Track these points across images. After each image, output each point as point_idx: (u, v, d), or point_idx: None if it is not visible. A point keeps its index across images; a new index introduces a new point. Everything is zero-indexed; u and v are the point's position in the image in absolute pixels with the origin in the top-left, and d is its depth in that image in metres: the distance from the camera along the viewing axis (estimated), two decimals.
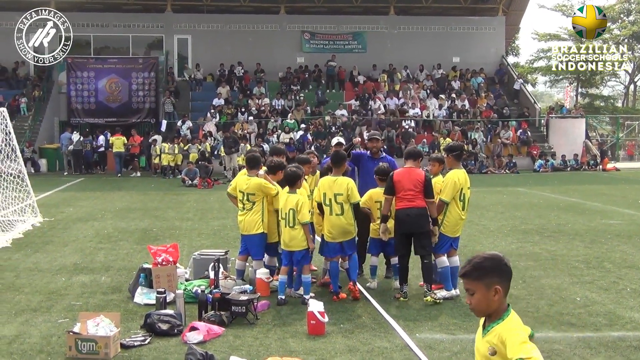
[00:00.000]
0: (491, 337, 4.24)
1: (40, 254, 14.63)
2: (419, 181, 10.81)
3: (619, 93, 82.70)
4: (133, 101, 43.12)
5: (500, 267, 4.27)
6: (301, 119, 42.34)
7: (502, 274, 4.26)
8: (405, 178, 10.84)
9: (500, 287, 4.20)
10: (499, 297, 4.22)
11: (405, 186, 10.77)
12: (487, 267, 4.24)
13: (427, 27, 50.31)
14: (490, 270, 4.24)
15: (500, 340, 4.16)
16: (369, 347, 8.59)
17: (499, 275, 4.24)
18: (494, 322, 4.25)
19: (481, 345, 4.33)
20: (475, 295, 4.27)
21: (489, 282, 4.20)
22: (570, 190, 29.15)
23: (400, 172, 10.99)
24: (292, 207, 10.61)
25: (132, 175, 37.17)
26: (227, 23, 48.13)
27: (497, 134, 43.21)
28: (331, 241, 10.93)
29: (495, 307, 4.24)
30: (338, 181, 10.90)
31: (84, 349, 8.22)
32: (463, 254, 13.58)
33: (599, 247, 15.48)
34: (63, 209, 22.19)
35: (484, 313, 4.32)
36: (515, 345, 4.08)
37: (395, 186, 10.84)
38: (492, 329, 4.24)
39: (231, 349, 8.54)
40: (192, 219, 20.10)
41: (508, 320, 4.23)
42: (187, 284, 10.98)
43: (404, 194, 10.78)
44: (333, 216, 10.85)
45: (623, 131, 53.87)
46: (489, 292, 4.20)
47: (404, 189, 10.77)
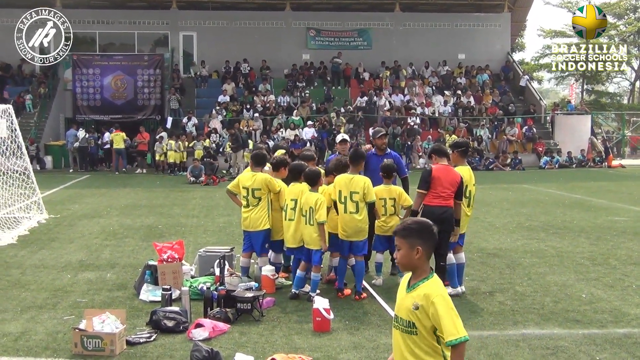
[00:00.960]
0: (417, 294, 4.77)
1: (46, 251, 14.66)
2: (456, 181, 10.69)
3: (624, 90, 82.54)
4: (138, 98, 43.10)
5: (424, 231, 4.85)
6: (307, 115, 42.35)
7: (425, 237, 4.84)
8: (444, 176, 10.67)
9: (421, 249, 4.78)
10: (420, 257, 4.80)
11: (443, 184, 10.64)
12: (413, 229, 4.84)
13: (433, 23, 50.23)
14: (415, 232, 4.83)
15: (426, 299, 4.70)
16: (374, 344, 8.59)
17: (421, 238, 4.81)
18: (419, 281, 4.81)
19: (406, 300, 4.84)
20: (400, 252, 4.85)
21: (413, 242, 4.79)
22: (575, 187, 29.11)
23: (440, 169, 10.76)
24: (312, 206, 10.62)
25: (137, 172, 37.22)
26: (232, 20, 48.13)
27: (503, 131, 43.16)
28: (345, 239, 10.89)
29: (416, 265, 4.82)
30: (355, 179, 10.84)
31: (90, 345, 8.23)
32: (469, 250, 13.61)
33: (604, 244, 15.46)
34: (69, 205, 22.23)
35: (406, 268, 4.89)
36: (449, 326, 4.64)
37: (433, 182, 10.63)
38: (418, 286, 4.79)
39: (237, 345, 8.55)
40: (197, 216, 20.12)
41: (433, 280, 4.81)
42: (193, 281, 10.99)
43: (442, 190, 10.62)
44: (347, 214, 10.80)
45: (629, 128, 53.72)
46: (412, 251, 4.78)
47: (442, 186, 10.63)
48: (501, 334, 9.03)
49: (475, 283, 11.81)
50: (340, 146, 13.09)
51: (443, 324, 4.63)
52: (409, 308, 4.77)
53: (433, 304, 4.66)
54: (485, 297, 10.92)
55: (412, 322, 4.76)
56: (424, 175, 10.72)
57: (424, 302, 4.70)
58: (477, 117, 44.19)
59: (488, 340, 8.70)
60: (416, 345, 4.78)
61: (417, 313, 4.72)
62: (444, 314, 4.65)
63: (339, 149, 13.18)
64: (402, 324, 4.83)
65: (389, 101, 44.23)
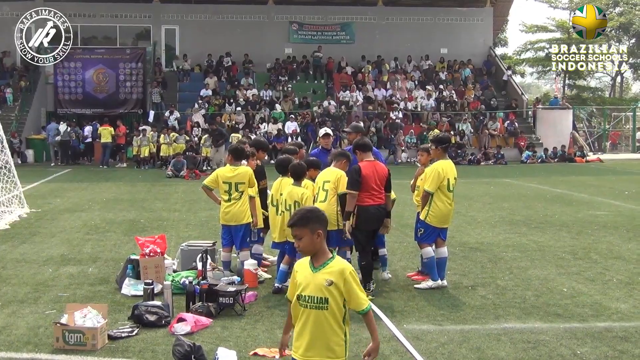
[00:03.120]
0: (329, 272, 5.26)
1: (27, 245, 14.58)
2: (384, 176, 10.78)
3: (606, 85, 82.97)
4: (120, 92, 43.00)
5: (319, 216, 5.38)
6: (289, 110, 42.32)
7: (321, 221, 5.35)
8: (373, 172, 10.67)
9: (321, 232, 5.28)
10: (321, 239, 5.29)
11: (374, 181, 10.62)
12: (310, 216, 5.33)
13: (416, 18, 50.30)
14: (313, 218, 5.32)
15: (340, 274, 5.24)
16: (356, 338, 8.59)
17: (319, 222, 5.32)
18: (327, 260, 5.30)
19: (316, 279, 5.27)
20: (303, 239, 5.30)
21: (313, 227, 5.27)
22: (557, 181, 29.25)
23: (367, 166, 10.70)
24: (297, 200, 10.63)
25: (118, 166, 37.08)
26: (215, 13, 48.00)
27: (485, 125, 43.28)
28: None
29: (319, 247, 5.30)
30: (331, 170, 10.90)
31: (72, 340, 8.20)
32: (451, 244, 13.65)
33: (585, 238, 15.54)
34: (50, 200, 22.12)
35: (310, 253, 5.34)
36: (362, 297, 5.29)
37: (364, 181, 10.54)
38: (328, 265, 5.29)
39: (219, 340, 8.54)
40: (179, 210, 20.07)
41: (338, 258, 5.38)
42: (175, 275, 10.96)
43: (373, 188, 10.62)
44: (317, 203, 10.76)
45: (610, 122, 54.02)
46: (313, 235, 5.26)
47: (374, 184, 10.63)
48: (483, 328, 9.06)
49: (457, 277, 11.84)
50: (324, 140, 13.07)
51: (357, 295, 5.27)
52: (321, 285, 5.23)
53: (346, 279, 5.24)
54: (467, 291, 10.95)
55: (326, 298, 5.24)
56: (353, 175, 10.59)
57: (338, 278, 5.23)
58: (460, 112, 44.27)
59: (470, 334, 8.74)
60: (326, 321, 5.25)
61: (331, 289, 5.23)
62: (356, 287, 5.28)
63: (322, 142, 13.16)
64: (313, 300, 5.26)
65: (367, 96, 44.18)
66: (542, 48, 72.96)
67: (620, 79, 79.01)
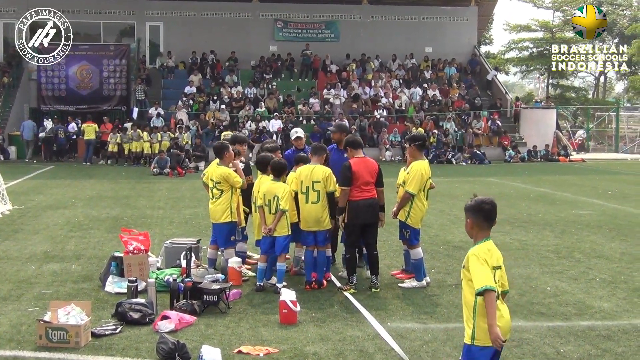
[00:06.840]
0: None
1: (10, 242, 14.50)
2: (375, 171, 10.87)
3: (589, 84, 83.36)
4: (104, 88, 42.80)
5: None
6: (274, 107, 42.26)
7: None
8: (363, 168, 10.78)
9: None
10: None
11: (364, 176, 10.71)
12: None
13: (400, 16, 50.27)
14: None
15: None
16: (340, 336, 8.62)
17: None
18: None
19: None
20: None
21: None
22: (540, 180, 29.36)
23: (357, 162, 10.82)
24: (276, 195, 10.67)
25: (100, 163, 36.93)
26: (199, 10, 47.81)
27: (469, 124, 43.37)
28: (307, 230, 10.94)
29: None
30: (316, 169, 10.94)
31: (55, 337, 8.17)
32: (435, 243, 13.72)
33: (569, 237, 15.62)
34: (33, 196, 22.00)
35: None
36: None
37: (354, 177, 10.67)
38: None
39: (203, 337, 8.53)
40: (163, 208, 20.02)
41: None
42: (159, 273, 10.94)
43: (363, 183, 10.71)
44: (309, 204, 10.86)
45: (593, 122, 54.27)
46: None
47: (364, 179, 10.71)
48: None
49: (441, 275, 11.88)
50: (296, 142, 13.06)
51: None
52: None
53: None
54: (451, 289, 10.98)
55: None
56: (343, 172, 10.74)
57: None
58: (444, 112, 44.33)
59: (454, 333, 8.75)
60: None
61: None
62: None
63: (295, 144, 13.15)
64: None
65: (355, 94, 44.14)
66: (525, 48, 73.19)
67: (603, 79, 79.36)
